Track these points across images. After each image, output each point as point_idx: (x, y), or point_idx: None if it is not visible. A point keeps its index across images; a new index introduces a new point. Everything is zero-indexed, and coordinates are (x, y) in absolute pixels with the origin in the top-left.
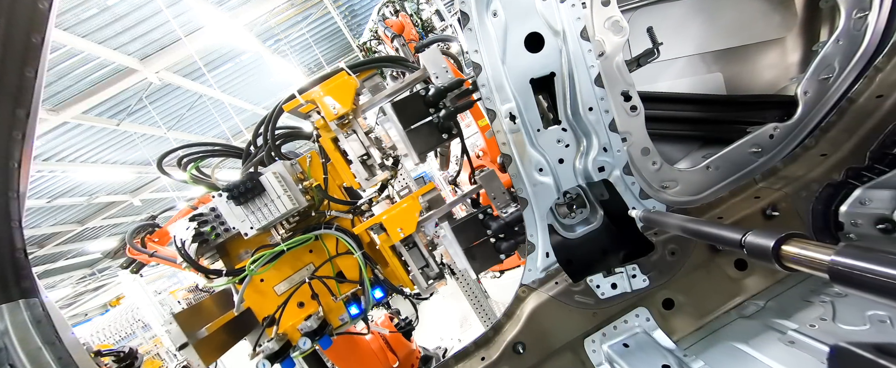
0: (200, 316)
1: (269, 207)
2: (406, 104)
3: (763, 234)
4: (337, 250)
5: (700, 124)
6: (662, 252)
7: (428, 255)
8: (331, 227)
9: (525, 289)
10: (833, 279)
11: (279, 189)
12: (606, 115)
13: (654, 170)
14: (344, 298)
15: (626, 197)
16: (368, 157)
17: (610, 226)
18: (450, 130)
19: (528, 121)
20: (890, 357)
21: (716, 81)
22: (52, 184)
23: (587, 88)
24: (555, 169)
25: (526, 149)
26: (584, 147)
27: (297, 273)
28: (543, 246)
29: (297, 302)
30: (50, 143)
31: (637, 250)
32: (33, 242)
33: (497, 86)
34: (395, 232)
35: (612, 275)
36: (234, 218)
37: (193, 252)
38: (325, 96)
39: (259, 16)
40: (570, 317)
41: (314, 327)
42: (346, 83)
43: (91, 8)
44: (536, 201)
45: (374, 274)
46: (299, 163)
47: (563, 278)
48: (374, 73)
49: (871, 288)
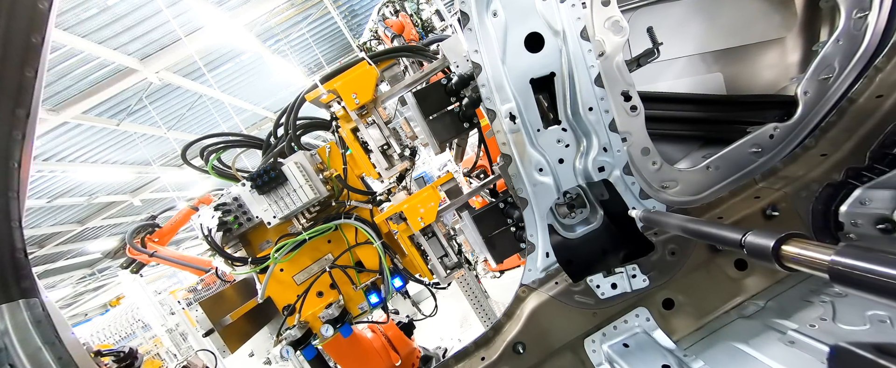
0: (222, 305)
1: (291, 196)
2: (427, 93)
3: (763, 234)
4: (356, 239)
5: (700, 124)
6: (662, 252)
7: (447, 244)
8: (350, 217)
9: (525, 289)
10: (833, 279)
11: (301, 178)
12: (606, 115)
13: (654, 170)
14: (364, 287)
15: (626, 197)
16: (388, 147)
17: (610, 226)
18: (471, 120)
19: (528, 121)
20: (890, 357)
21: (716, 81)
22: (52, 183)
23: (587, 88)
24: (555, 169)
25: (526, 149)
26: (584, 147)
27: (315, 263)
28: (543, 246)
29: (317, 292)
30: (50, 143)
31: (637, 250)
32: (33, 242)
33: (497, 86)
34: (415, 221)
35: (612, 275)
36: (257, 207)
37: (219, 240)
38: (346, 86)
39: (259, 16)
40: (570, 317)
41: (336, 315)
42: (367, 73)
43: (91, 8)
44: (536, 201)
45: (394, 263)
46: (318, 153)
47: (564, 278)
48: (394, 63)
49: (871, 288)
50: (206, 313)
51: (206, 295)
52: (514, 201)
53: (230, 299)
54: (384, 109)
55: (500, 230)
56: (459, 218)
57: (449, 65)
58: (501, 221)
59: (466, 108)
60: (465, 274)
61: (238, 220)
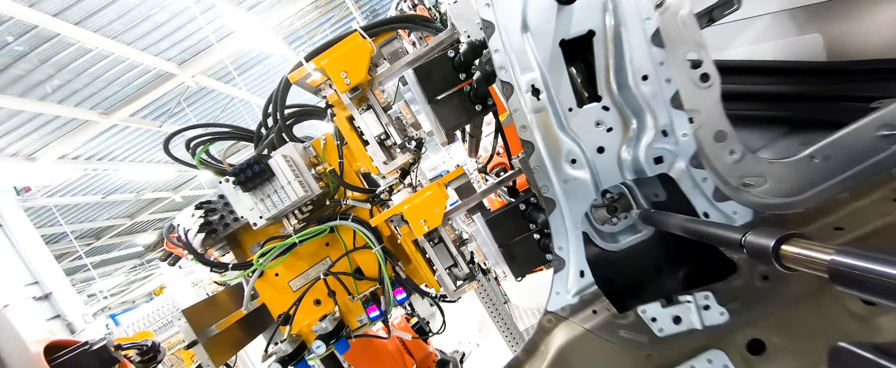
0: (215, 311)
1: (278, 194)
2: (431, 69)
3: (764, 234)
4: (354, 244)
5: (788, 102)
6: (749, 275)
7: (456, 253)
8: (347, 218)
9: (552, 318)
10: (833, 279)
11: (289, 174)
12: (668, 86)
13: (733, 160)
14: (362, 297)
15: (693, 198)
16: (387, 137)
17: (666, 237)
18: (485, 100)
19: (556, 96)
20: (890, 357)
21: (812, 45)
22: (105, 181)
23: (641, 50)
24: (592, 160)
25: (554, 135)
26: (634, 130)
27: (313, 268)
28: (577, 262)
29: (314, 300)
30: (103, 144)
31: (707, 270)
32: (91, 234)
33: (515, 51)
34: (418, 224)
35: (674, 305)
36: (241, 207)
37: (199, 243)
38: (334, 63)
39: (285, 18)
40: (613, 360)
41: (329, 329)
42: (359, 46)
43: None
44: (568, 203)
45: (396, 272)
46: (313, 146)
47: (605, 305)
48: (393, 37)
49: (872, 289)
50: (189, 322)
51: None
52: (538, 201)
53: (224, 305)
54: (382, 92)
55: (520, 237)
56: (472, 222)
57: (459, 37)
58: (522, 226)
59: (479, 86)
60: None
61: (224, 220)
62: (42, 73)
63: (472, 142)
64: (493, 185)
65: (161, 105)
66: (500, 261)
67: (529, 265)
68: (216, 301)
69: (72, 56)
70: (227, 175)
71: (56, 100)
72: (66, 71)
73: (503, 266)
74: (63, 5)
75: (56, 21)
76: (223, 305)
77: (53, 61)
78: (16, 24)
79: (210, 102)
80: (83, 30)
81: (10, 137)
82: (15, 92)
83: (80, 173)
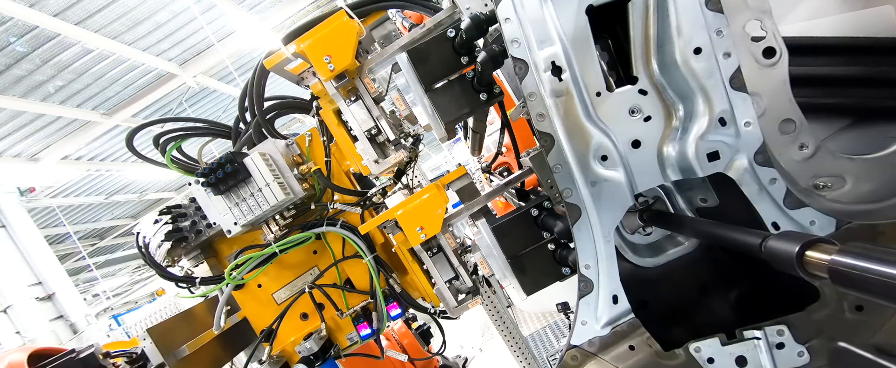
0: (190, 327)
1: (256, 197)
2: (427, 52)
3: (787, 239)
4: (344, 253)
5: (854, 86)
6: (837, 304)
7: (458, 264)
8: (335, 224)
9: (577, 355)
10: (833, 279)
11: (268, 174)
12: (727, 62)
13: (803, 156)
14: (352, 313)
15: (759, 203)
16: (378, 132)
17: (714, 250)
18: (490, 88)
19: (581, 78)
20: (890, 357)
21: (883, 19)
22: (108, 181)
23: (691, 16)
24: (626, 157)
25: (579, 124)
26: (680, 119)
27: (299, 278)
28: (608, 284)
29: (300, 314)
30: (105, 145)
31: (776, 296)
32: (95, 234)
33: (532, 20)
34: (413, 232)
35: (737, 342)
36: (214, 212)
37: (162, 254)
38: (316, 46)
39: (286, 18)
40: None
41: (315, 349)
42: (345, 27)
43: (138, 18)
44: (597, 209)
45: (389, 285)
46: (297, 143)
47: (645, 340)
48: (385, 17)
49: (872, 289)
50: (155, 342)
51: None
52: (552, 206)
53: (201, 320)
54: (373, 82)
55: (533, 247)
56: (476, 228)
57: (460, 16)
58: (535, 235)
59: (483, 70)
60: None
61: (196, 227)
62: (44, 74)
63: (475, 139)
64: (500, 187)
65: (163, 105)
66: (509, 275)
67: (543, 280)
68: (192, 315)
69: (73, 56)
70: (196, 175)
71: (58, 100)
72: (68, 71)
73: (512, 280)
74: (63, 5)
75: (57, 21)
76: (200, 320)
77: (55, 62)
78: (16, 24)
79: (211, 103)
80: (84, 30)
81: (13, 138)
82: (17, 92)
83: (83, 174)
